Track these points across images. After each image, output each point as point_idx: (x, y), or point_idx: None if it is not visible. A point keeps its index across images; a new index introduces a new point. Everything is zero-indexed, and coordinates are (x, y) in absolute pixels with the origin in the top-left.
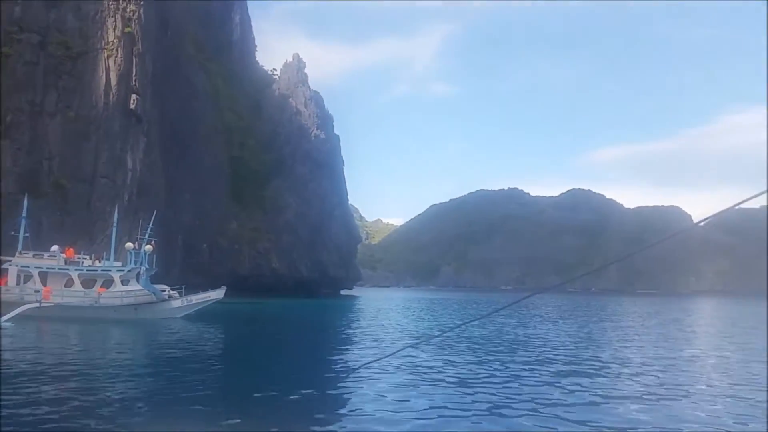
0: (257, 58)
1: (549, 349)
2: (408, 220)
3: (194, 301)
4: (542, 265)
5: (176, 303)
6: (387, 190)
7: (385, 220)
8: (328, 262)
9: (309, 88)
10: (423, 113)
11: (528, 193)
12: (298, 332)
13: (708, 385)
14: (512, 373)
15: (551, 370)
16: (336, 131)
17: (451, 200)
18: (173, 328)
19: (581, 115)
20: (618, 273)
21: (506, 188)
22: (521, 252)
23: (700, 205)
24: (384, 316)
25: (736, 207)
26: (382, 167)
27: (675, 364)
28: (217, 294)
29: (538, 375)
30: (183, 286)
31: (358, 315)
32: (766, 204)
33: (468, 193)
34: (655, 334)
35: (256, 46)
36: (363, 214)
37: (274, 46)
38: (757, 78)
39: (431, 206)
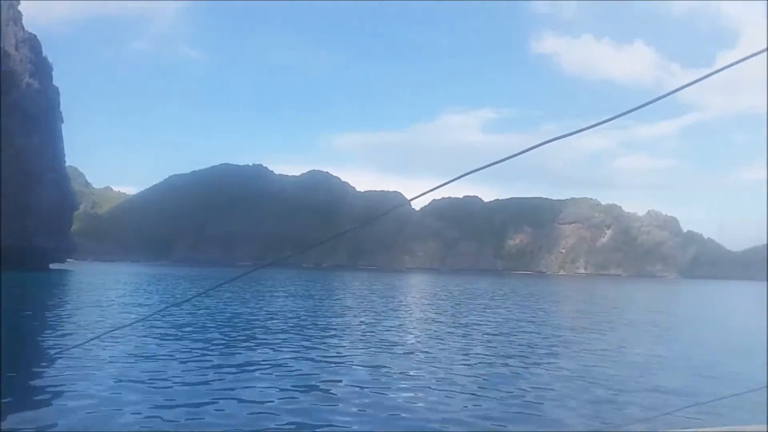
0: None
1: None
2: (143, 189)
3: None
4: (282, 242)
5: None
6: (120, 156)
7: (115, 188)
8: (35, 231)
9: (23, 28)
10: (166, 76)
11: (272, 171)
12: None
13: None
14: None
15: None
16: (56, 83)
17: (193, 172)
18: None
19: (326, 99)
20: (347, 251)
21: (251, 164)
22: (262, 228)
23: (417, 191)
24: (95, 294)
25: (438, 189)
26: (115, 130)
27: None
28: None
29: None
30: None
31: (57, 293)
32: (469, 195)
33: (212, 166)
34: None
35: None
36: (90, 180)
37: None
38: (472, 83)
39: (171, 176)
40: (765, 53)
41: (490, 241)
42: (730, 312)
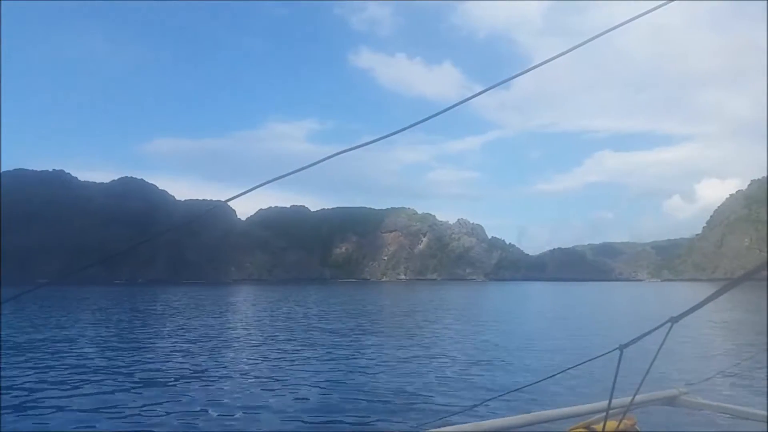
0: None
1: None
2: None
3: None
4: (89, 255)
5: None
6: None
7: None
8: None
9: None
10: None
11: (76, 178)
12: None
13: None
14: None
15: None
16: None
17: None
18: None
19: (137, 103)
20: (166, 263)
21: (51, 170)
22: (66, 241)
23: (242, 200)
24: None
25: (264, 198)
26: None
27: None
28: None
29: None
30: None
31: None
32: (296, 204)
33: (3, 172)
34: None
35: None
36: None
37: None
38: (295, 93)
39: None
40: (544, 66)
41: (318, 250)
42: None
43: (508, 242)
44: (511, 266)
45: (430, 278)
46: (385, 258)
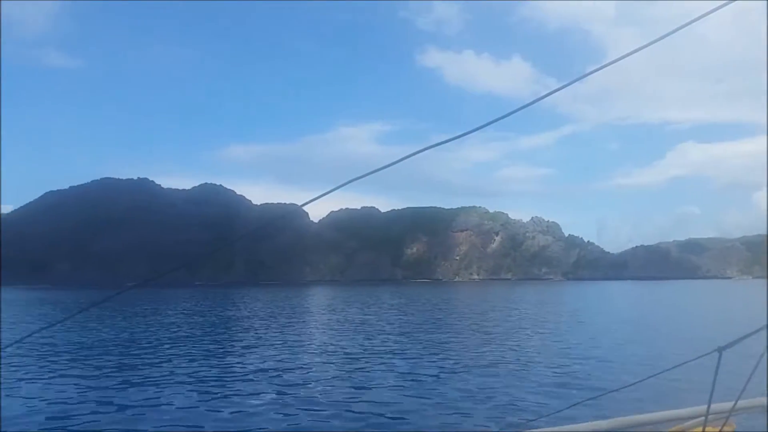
0: None
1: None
2: (17, 207)
3: None
4: (172, 259)
5: None
6: None
7: None
8: None
9: None
10: (35, 84)
11: (160, 185)
12: None
13: None
14: None
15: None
16: None
17: (71, 187)
18: None
19: (213, 111)
20: (245, 265)
21: (136, 178)
22: (150, 246)
23: (315, 203)
24: None
25: (336, 200)
26: None
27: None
28: None
29: None
30: None
31: None
32: (366, 206)
33: (92, 181)
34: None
35: None
36: None
37: None
38: (363, 96)
39: (47, 193)
40: (622, 61)
41: (389, 251)
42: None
43: (586, 240)
44: (590, 265)
45: (504, 278)
46: (457, 258)
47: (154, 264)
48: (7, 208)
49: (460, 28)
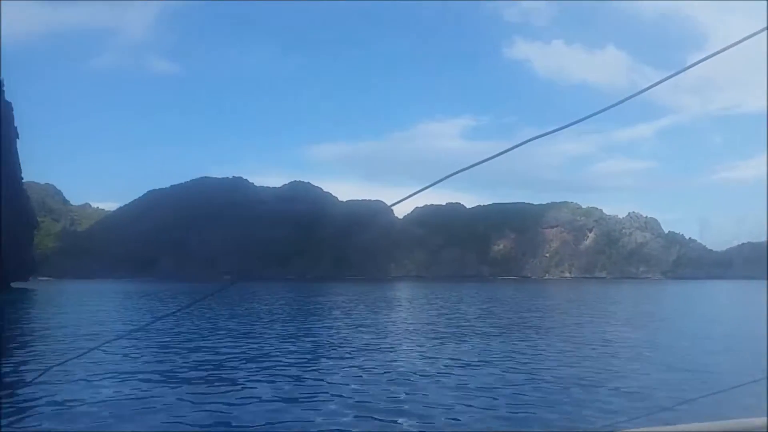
0: None
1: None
2: (123, 205)
3: None
4: (264, 255)
5: None
6: (98, 172)
7: (94, 205)
8: None
9: None
10: (138, 88)
11: (252, 183)
12: None
13: None
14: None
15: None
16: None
17: (172, 186)
18: None
19: (303, 110)
20: (331, 261)
21: (231, 177)
22: (244, 242)
23: (399, 198)
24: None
25: (420, 196)
26: (91, 146)
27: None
28: None
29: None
30: None
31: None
32: (451, 201)
33: (191, 180)
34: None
35: None
36: (68, 198)
37: None
38: (448, 91)
39: (150, 191)
40: (731, 50)
41: (475, 248)
42: (722, 312)
43: (687, 237)
44: (692, 263)
45: (598, 276)
46: (547, 255)
47: (248, 259)
48: (112, 206)
49: (548, 18)
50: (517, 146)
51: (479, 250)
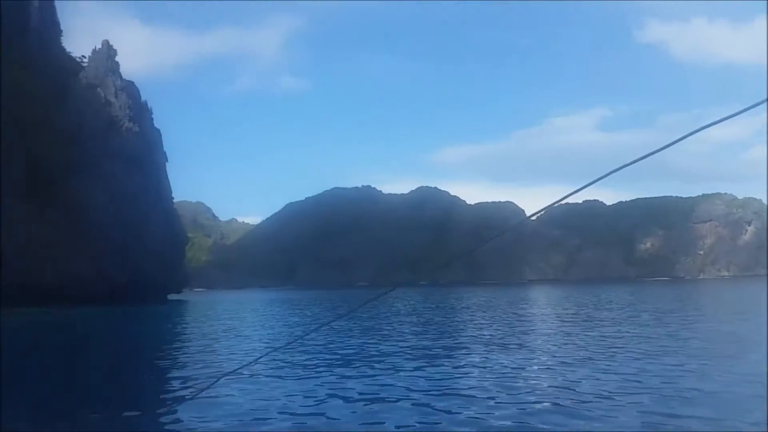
0: (65, 44)
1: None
2: (264, 219)
3: None
4: (395, 262)
5: None
6: (241, 189)
7: (240, 219)
8: (146, 266)
9: (121, 77)
10: (272, 107)
11: (380, 191)
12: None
13: None
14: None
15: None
16: (158, 125)
17: (307, 198)
18: None
19: (426, 115)
20: (463, 266)
21: (360, 186)
22: (375, 249)
23: (532, 199)
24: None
25: (563, 202)
26: (234, 165)
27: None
28: None
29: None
30: None
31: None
32: (588, 199)
33: (323, 191)
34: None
35: (61, 30)
36: (216, 214)
37: (103, 32)
38: (580, 84)
39: (288, 204)
40: None
41: (617, 247)
42: None
43: None
44: None
45: (760, 274)
46: (701, 252)
47: (381, 266)
48: (255, 220)
49: None
50: (694, 132)
51: (623, 249)
